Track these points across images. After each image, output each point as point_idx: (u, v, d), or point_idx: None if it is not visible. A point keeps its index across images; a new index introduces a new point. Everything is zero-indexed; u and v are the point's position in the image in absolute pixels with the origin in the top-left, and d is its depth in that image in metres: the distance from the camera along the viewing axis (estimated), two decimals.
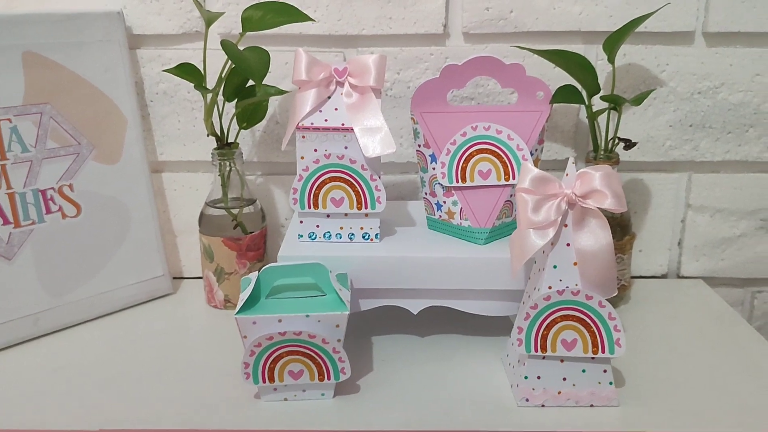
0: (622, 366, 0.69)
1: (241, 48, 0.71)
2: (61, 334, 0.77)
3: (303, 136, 0.69)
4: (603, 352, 0.61)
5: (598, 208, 0.59)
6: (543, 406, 0.62)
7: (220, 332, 0.76)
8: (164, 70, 0.74)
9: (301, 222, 0.72)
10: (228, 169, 0.80)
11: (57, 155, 0.76)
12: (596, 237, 0.60)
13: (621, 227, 0.80)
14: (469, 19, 0.82)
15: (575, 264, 0.60)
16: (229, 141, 0.81)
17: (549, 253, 0.60)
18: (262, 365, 0.62)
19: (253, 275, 0.64)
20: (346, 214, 0.71)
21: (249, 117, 0.81)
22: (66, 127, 0.77)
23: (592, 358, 0.61)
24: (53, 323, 0.77)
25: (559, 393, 0.62)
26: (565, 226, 0.60)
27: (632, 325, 0.78)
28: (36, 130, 0.74)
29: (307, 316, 0.61)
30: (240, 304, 0.62)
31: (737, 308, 0.92)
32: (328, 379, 0.63)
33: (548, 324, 0.61)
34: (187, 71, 0.74)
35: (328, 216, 0.72)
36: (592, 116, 0.77)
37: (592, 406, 0.62)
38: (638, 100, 0.74)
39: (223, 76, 0.74)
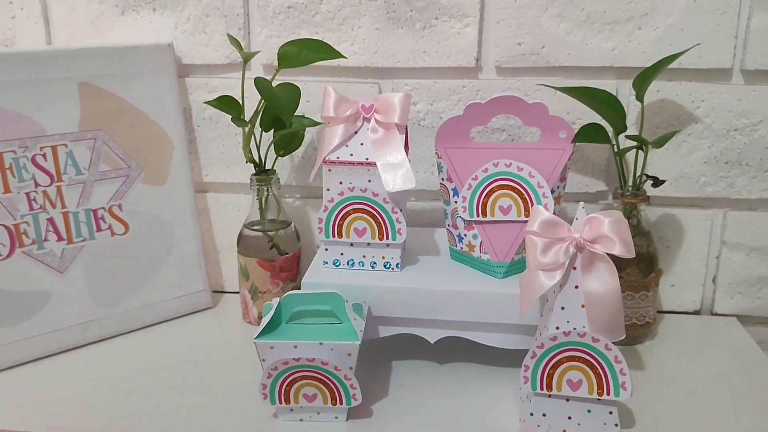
0: (634, 404, 0.69)
1: (278, 81, 0.75)
2: (107, 343, 0.83)
3: (329, 170, 0.73)
4: (608, 394, 0.62)
5: (608, 254, 0.60)
6: None
7: (252, 348, 0.80)
8: (205, 102, 0.79)
9: (326, 249, 0.75)
10: (265, 193, 0.85)
11: (108, 177, 0.82)
12: (603, 281, 0.61)
13: (646, 263, 0.80)
14: (502, 53, 0.84)
15: (583, 306, 0.61)
16: (266, 168, 0.85)
17: (558, 294, 0.62)
18: (279, 387, 0.66)
19: (275, 301, 0.68)
20: (368, 244, 0.75)
21: (286, 145, 0.85)
22: (117, 152, 0.83)
23: (598, 399, 0.62)
24: (100, 332, 0.83)
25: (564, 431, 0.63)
26: (574, 269, 0.61)
27: (653, 362, 0.78)
28: (90, 155, 0.81)
29: (321, 343, 0.64)
30: (260, 328, 0.66)
31: None
32: (341, 404, 0.66)
33: (554, 363, 0.62)
34: (225, 103, 0.78)
35: (351, 245, 0.75)
36: (619, 154, 0.77)
37: None
38: (660, 143, 0.74)
39: (258, 109, 0.78)
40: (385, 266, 0.75)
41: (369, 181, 0.72)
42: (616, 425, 0.63)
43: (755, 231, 0.86)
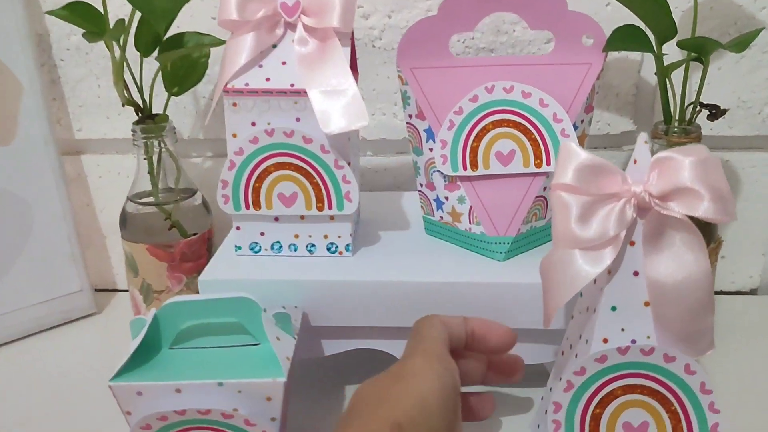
0: None
1: None
2: None
3: (234, 104, 0.47)
4: None
5: (689, 216, 0.36)
6: None
7: None
8: (48, 12, 0.53)
9: (238, 228, 0.50)
10: (157, 149, 0.59)
11: None
12: (683, 262, 0.37)
13: (702, 231, 0.56)
14: None
15: (647, 304, 0.38)
16: (154, 112, 0.59)
17: (605, 286, 0.38)
18: None
19: (152, 313, 0.43)
20: (302, 217, 0.49)
21: (182, 79, 0.59)
22: None
23: None
24: None
25: None
26: (632, 244, 0.38)
27: (715, 366, 0.55)
28: None
29: (221, 384, 0.39)
30: (123, 362, 0.40)
31: None
32: None
33: (603, 399, 0.39)
34: (78, 13, 0.52)
35: (276, 219, 0.49)
36: (665, 71, 0.53)
37: None
38: (742, 45, 0.50)
39: (129, 20, 0.52)
40: (329, 249, 0.50)
41: (297, 119, 0.47)
42: None
43: None
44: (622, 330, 0.39)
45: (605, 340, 0.39)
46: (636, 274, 0.38)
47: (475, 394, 0.45)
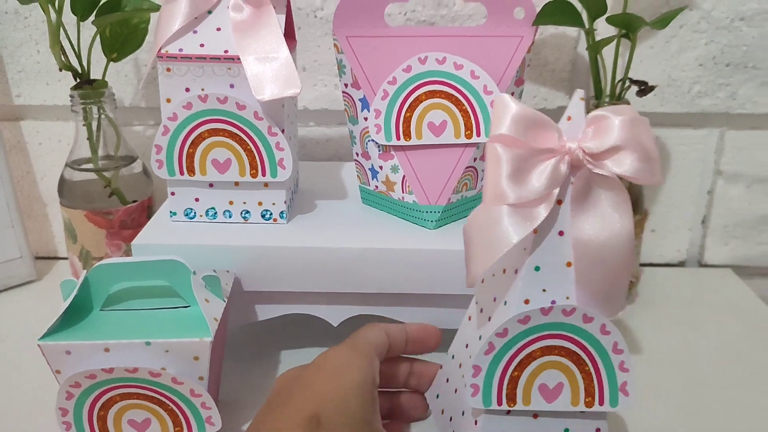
0: None
1: None
2: None
3: (168, 69, 0.47)
4: (601, 403, 0.39)
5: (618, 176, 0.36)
6: None
7: None
8: None
9: (173, 194, 0.50)
10: (96, 115, 0.58)
11: None
12: (609, 222, 0.37)
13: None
14: None
15: (569, 265, 0.38)
16: (93, 78, 0.58)
17: (529, 246, 0.38)
18: (88, 413, 0.41)
19: (83, 275, 0.43)
20: (236, 184, 0.50)
21: (121, 44, 0.58)
22: None
23: (582, 412, 0.40)
24: None
25: None
26: (559, 203, 0.37)
27: (639, 333, 0.58)
28: None
29: (148, 343, 0.40)
30: (53, 322, 0.41)
31: None
32: (189, 431, 0.42)
33: (522, 361, 0.39)
34: None
35: (210, 185, 0.50)
36: (595, 47, 0.55)
37: None
38: (663, 22, 0.52)
39: None
40: (263, 216, 0.51)
41: (231, 86, 0.47)
42: None
43: (760, 157, 0.66)
44: (544, 291, 0.38)
45: (527, 301, 0.38)
46: (561, 233, 0.37)
47: (406, 393, 0.46)
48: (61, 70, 0.57)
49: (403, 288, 0.49)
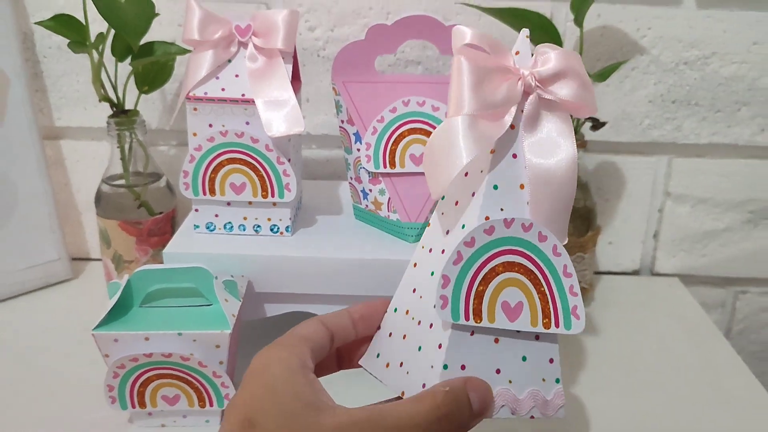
0: (569, 378, 0.58)
1: None
2: None
3: (195, 108, 0.57)
4: (557, 325, 0.40)
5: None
6: None
7: None
8: (37, 23, 0.62)
9: (197, 210, 0.60)
10: (128, 140, 0.68)
11: None
12: (554, 147, 0.39)
13: (583, 219, 0.69)
14: None
15: (522, 187, 0.40)
16: (126, 108, 0.68)
17: (486, 167, 0.40)
18: (130, 389, 0.51)
19: (126, 278, 0.53)
20: (250, 203, 0.60)
21: (152, 79, 0.68)
22: None
23: (537, 337, 0.40)
24: None
25: None
26: (512, 127, 0.39)
27: (591, 333, 0.68)
28: None
29: (180, 334, 0.50)
30: (103, 315, 0.51)
31: (717, 310, 0.82)
32: (211, 405, 0.52)
33: (486, 275, 0.39)
34: (63, 23, 0.61)
35: (228, 204, 0.60)
36: None
37: (532, 417, 0.40)
38: (603, 76, 0.62)
39: (107, 32, 0.61)
40: (272, 230, 0.61)
41: (247, 123, 0.57)
42: (558, 381, 0.41)
43: (703, 181, 0.76)
44: (501, 210, 0.39)
45: (487, 218, 0.38)
46: (515, 156, 0.39)
47: (348, 344, 0.44)
48: (100, 101, 0.67)
49: (387, 291, 0.58)
